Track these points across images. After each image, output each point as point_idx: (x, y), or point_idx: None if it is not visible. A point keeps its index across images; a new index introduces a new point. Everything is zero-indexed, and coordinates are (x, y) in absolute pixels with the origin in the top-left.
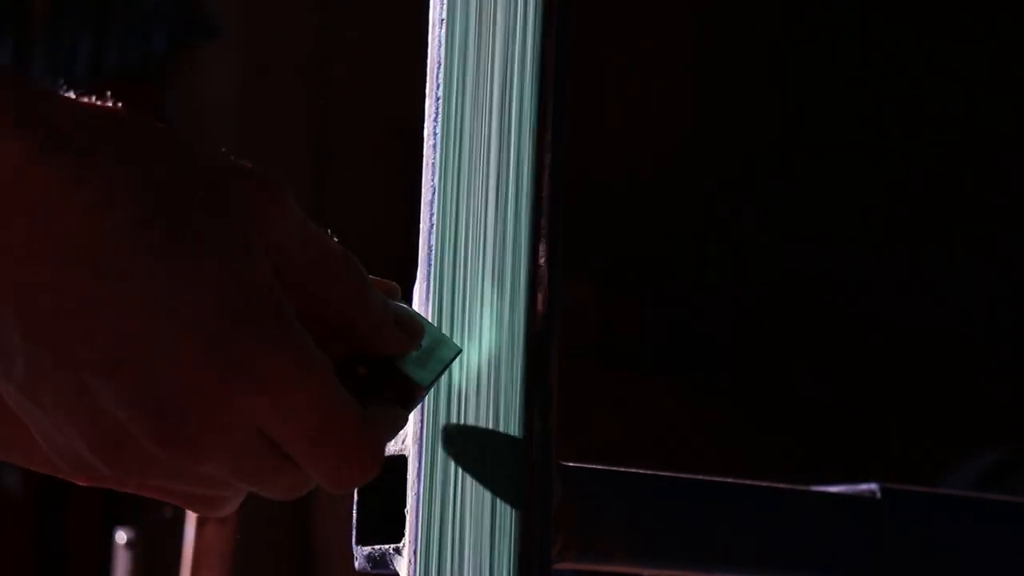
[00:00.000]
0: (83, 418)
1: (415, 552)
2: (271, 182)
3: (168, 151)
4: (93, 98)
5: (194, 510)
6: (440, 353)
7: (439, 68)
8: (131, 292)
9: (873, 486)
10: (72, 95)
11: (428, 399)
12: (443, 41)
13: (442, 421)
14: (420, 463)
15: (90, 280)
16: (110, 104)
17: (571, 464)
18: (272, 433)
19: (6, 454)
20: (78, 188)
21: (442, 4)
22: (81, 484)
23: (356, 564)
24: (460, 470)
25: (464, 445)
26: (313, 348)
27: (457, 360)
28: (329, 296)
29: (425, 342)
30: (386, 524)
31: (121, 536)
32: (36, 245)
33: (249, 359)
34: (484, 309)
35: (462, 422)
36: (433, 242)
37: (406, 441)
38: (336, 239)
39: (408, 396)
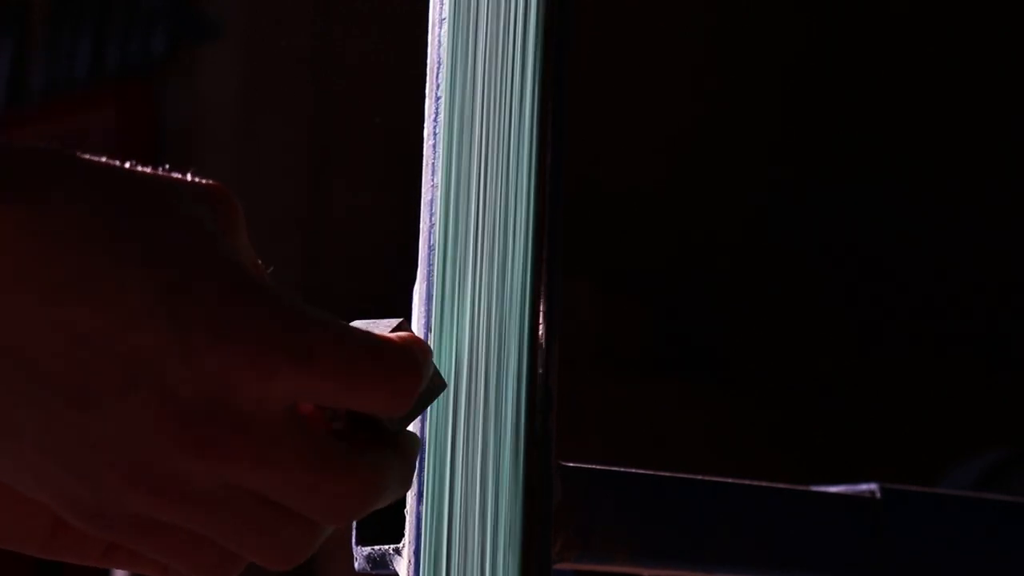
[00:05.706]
0: (111, 448)
1: (415, 552)
2: (225, 195)
3: (115, 179)
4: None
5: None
6: (424, 392)
7: (439, 68)
8: (111, 309)
9: (873, 486)
10: (12, 143)
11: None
12: (443, 41)
13: (442, 422)
14: (420, 463)
15: (77, 310)
16: (54, 147)
17: (571, 464)
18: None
19: (21, 545)
20: (40, 234)
21: (442, 3)
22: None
23: (356, 565)
24: (460, 470)
25: (464, 445)
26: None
27: (452, 369)
28: None
29: None
30: (386, 524)
31: None
32: (18, 291)
33: (249, 333)
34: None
35: (462, 423)
36: (433, 242)
37: None
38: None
39: (384, 439)
